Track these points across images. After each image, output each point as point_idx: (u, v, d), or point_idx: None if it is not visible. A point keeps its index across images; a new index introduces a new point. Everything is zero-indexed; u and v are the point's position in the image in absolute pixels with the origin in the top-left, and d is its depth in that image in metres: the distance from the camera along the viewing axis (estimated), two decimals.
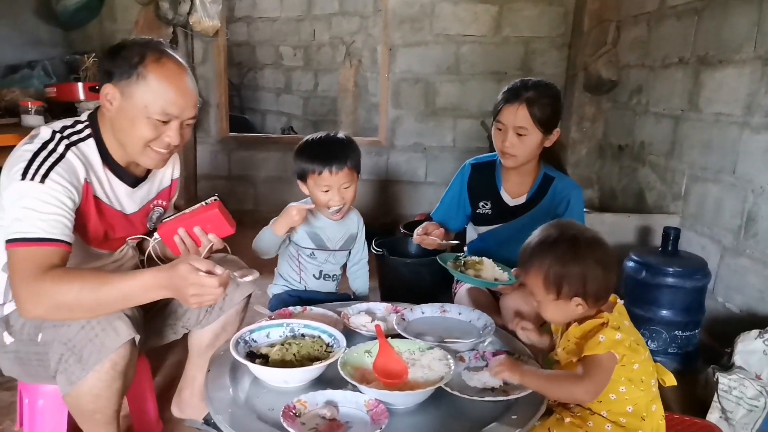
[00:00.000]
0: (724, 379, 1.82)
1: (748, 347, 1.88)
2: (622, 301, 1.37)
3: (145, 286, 1.24)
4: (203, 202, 1.49)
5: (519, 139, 1.80)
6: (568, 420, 1.35)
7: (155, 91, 1.34)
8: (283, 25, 6.69)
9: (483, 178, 1.99)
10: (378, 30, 5.26)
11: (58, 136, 1.35)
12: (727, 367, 1.89)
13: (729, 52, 2.40)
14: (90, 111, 1.47)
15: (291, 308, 1.64)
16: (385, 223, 4.16)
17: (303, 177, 1.81)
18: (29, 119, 2.58)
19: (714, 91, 2.51)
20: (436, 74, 4.21)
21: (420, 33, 4.14)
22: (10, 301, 1.43)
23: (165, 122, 1.37)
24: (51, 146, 1.32)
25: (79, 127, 1.41)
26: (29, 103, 2.61)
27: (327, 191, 1.78)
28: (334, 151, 1.77)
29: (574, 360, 1.32)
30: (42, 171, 1.28)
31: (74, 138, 1.38)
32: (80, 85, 3.12)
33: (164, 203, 1.67)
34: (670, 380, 1.37)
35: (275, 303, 1.87)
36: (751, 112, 2.26)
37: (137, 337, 1.33)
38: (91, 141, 1.41)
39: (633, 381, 1.30)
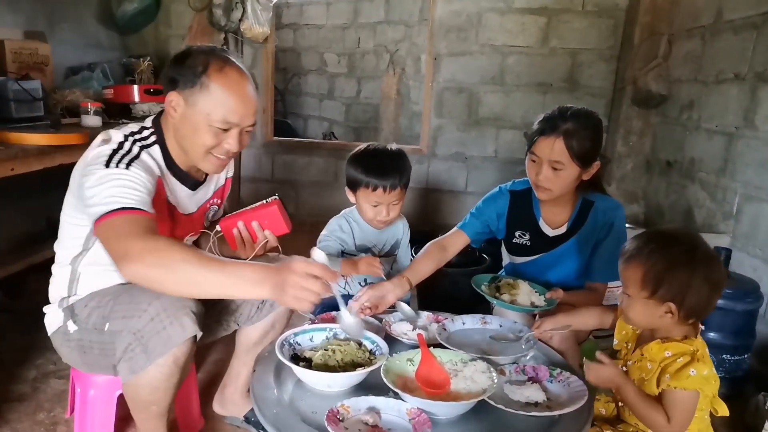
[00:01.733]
0: None
1: None
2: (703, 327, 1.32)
3: (248, 278, 1.18)
4: (264, 201, 1.55)
5: (554, 173, 1.69)
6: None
7: (217, 100, 1.38)
8: (329, 33, 6.80)
9: (521, 208, 1.90)
10: (422, 39, 5.28)
11: (130, 139, 1.41)
12: None
13: None
14: (154, 116, 1.52)
15: (334, 313, 1.66)
16: (424, 231, 4.14)
17: (353, 187, 1.81)
18: (88, 120, 2.69)
19: None
20: (480, 84, 4.20)
21: (466, 43, 4.15)
22: (74, 295, 1.50)
23: (225, 130, 1.42)
24: (126, 146, 1.38)
25: (146, 133, 1.46)
26: (89, 104, 2.72)
27: (376, 206, 1.78)
28: (390, 169, 1.76)
29: (646, 379, 1.28)
30: (124, 162, 1.33)
31: (143, 143, 1.44)
32: (135, 87, 3.25)
33: (218, 201, 1.73)
34: (723, 411, 1.32)
35: (317, 306, 1.89)
36: None
37: (199, 334, 1.37)
38: (156, 147, 1.47)
39: None
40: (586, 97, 4.06)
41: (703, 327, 1.31)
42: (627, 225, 3.17)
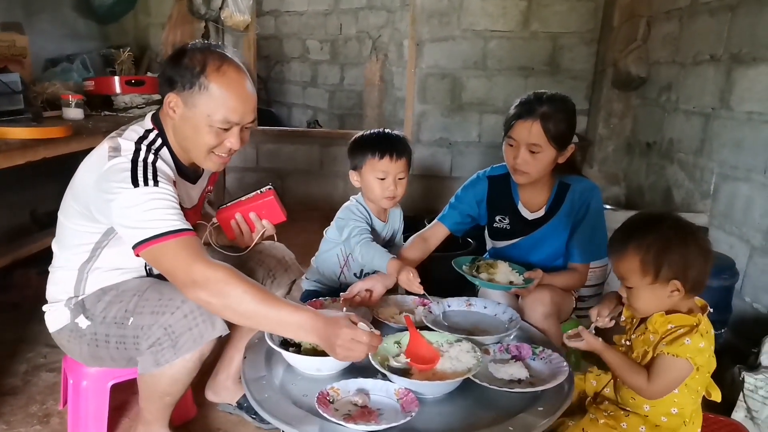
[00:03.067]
0: (750, 379, 1.83)
1: None
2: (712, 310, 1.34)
3: (301, 324, 1.25)
4: (258, 191, 1.58)
5: (532, 156, 1.73)
6: (602, 421, 1.37)
7: (217, 101, 1.37)
8: (310, 19, 6.75)
9: (500, 192, 1.93)
10: (405, 24, 5.27)
11: (143, 147, 1.39)
12: (754, 366, 1.89)
13: (763, 49, 2.37)
14: (152, 113, 1.51)
15: (322, 299, 1.70)
16: (409, 217, 4.17)
17: (359, 165, 1.81)
18: (70, 112, 2.66)
19: (747, 89, 2.48)
20: (462, 69, 4.22)
21: (447, 28, 4.15)
22: (83, 294, 1.51)
23: (226, 129, 1.42)
24: (143, 155, 1.36)
25: (152, 136, 1.45)
26: (70, 96, 2.69)
27: (383, 179, 1.78)
28: (394, 142, 1.80)
29: (649, 351, 1.32)
30: (150, 176, 1.32)
31: (153, 148, 1.42)
32: (117, 78, 3.22)
33: (211, 188, 1.75)
34: (717, 396, 1.36)
35: (306, 297, 1.92)
36: None
37: (227, 333, 1.42)
38: (165, 149, 1.46)
39: (689, 387, 1.31)
40: (567, 80, 4.10)
41: (711, 309, 1.34)
42: (609, 206, 3.24)
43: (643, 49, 3.44)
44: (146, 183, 1.31)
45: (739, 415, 1.83)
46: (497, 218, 1.95)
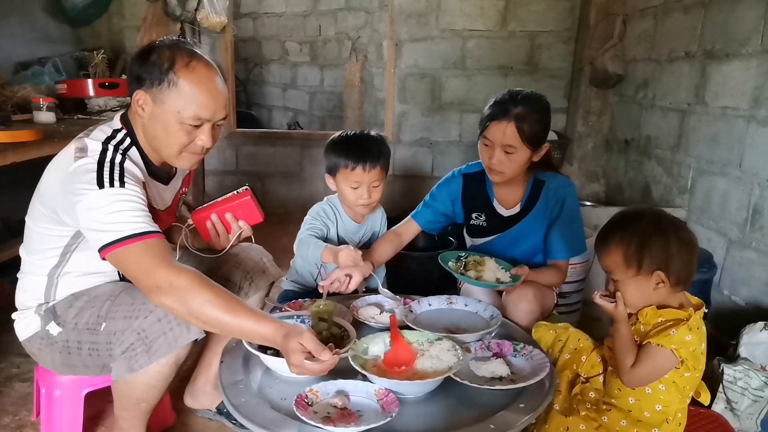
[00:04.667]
0: (729, 370, 1.84)
1: (754, 339, 1.90)
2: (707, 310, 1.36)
3: (263, 336, 1.25)
4: (235, 191, 1.55)
5: (507, 156, 1.73)
6: (584, 413, 1.37)
7: (187, 97, 1.34)
8: (289, 21, 6.71)
9: (475, 190, 1.94)
10: (384, 25, 5.27)
11: (110, 147, 1.35)
12: (733, 358, 1.91)
13: (736, 45, 2.40)
14: (121, 113, 1.47)
15: (301, 300, 1.67)
16: (391, 217, 4.17)
17: (333, 171, 1.80)
18: (41, 116, 2.61)
19: (720, 85, 2.51)
20: (442, 69, 4.22)
21: (426, 28, 4.15)
22: (53, 300, 1.47)
23: (197, 126, 1.39)
24: (110, 156, 1.33)
25: (120, 136, 1.41)
26: (41, 99, 2.64)
27: (356, 188, 1.77)
28: (368, 149, 1.76)
29: (638, 341, 1.33)
30: (116, 177, 1.29)
31: (121, 148, 1.39)
32: (90, 81, 3.17)
33: (186, 189, 1.72)
34: (705, 399, 1.39)
35: (284, 297, 1.90)
36: (758, 105, 2.26)
37: (202, 337, 1.40)
38: (134, 149, 1.43)
39: (677, 386, 1.32)
40: (546, 79, 4.11)
41: (707, 310, 1.36)
42: (589, 203, 3.25)
43: (619, 47, 3.47)
44: (112, 184, 1.28)
45: (718, 406, 1.84)
46: (473, 215, 1.95)
